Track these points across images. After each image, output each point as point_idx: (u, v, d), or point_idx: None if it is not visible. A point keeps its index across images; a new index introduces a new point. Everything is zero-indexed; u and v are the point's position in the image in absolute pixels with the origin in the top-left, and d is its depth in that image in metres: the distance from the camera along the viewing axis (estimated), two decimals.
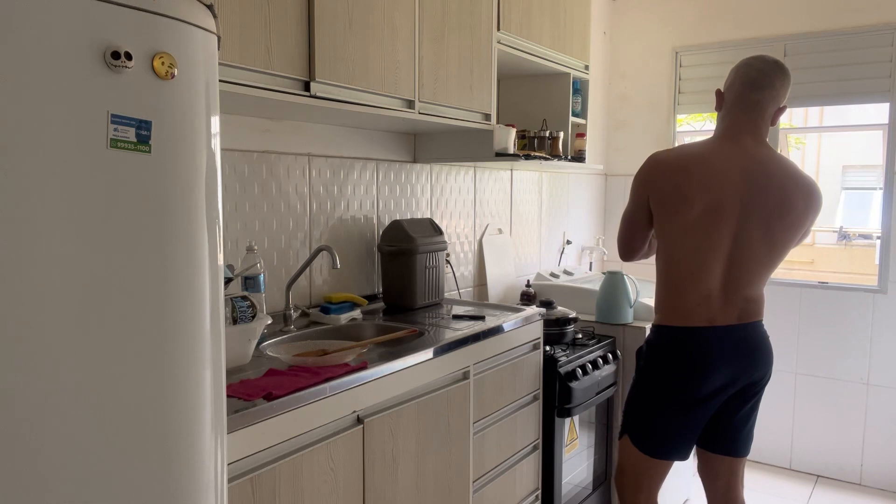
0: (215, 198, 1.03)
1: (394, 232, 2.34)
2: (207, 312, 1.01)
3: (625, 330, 2.78)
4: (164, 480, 0.96)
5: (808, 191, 1.86)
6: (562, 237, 3.62)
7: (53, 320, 0.82)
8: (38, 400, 0.82)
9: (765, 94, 1.86)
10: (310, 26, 1.68)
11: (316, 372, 1.49)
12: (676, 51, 3.67)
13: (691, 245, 1.84)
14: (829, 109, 5.79)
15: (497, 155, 2.46)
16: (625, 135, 3.90)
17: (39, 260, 0.81)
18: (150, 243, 0.92)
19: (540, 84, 2.93)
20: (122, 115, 0.87)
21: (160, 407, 0.94)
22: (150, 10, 0.90)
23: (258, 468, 1.30)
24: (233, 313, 1.51)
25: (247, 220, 1.98)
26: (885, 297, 3.20)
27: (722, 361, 1.85)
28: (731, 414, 1.95)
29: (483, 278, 2.99)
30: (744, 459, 2.02)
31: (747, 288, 1.87)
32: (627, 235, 2.00)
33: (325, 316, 2.07)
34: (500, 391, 2.10)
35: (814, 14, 3.27)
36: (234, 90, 1.51)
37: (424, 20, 2.06)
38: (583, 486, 2.61)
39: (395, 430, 1.65)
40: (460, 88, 2.25)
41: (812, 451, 3.42)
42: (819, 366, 3.37)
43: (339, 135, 2.28)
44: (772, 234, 1.83)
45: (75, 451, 0.85)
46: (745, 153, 1.85)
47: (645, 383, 1.96)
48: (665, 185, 1.85)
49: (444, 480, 1.85)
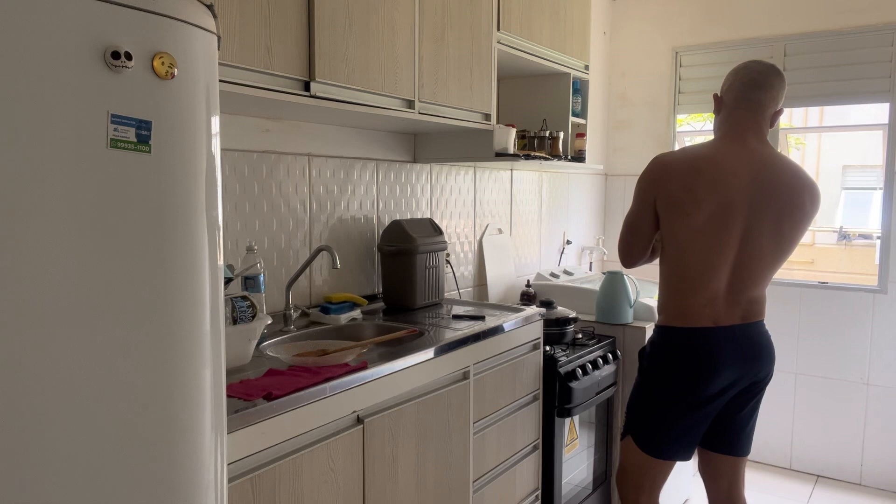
0: (215, 198, 1.03)
1: (394, 232, 2.34)
2: (207, 312, 1.01)
3: (625, 330, 2.78)
4: (164, 480, 0.96)
5: (812, 189, 1.87)
6: (562, 237, 3.62)
7: (53, 320, 0.82)
8: (37, 400, 0.82)
9: (765, 95, 1.87)
10: (310, 26, 1.68)
11: (316, 372, 1.49)
12: (676, 51, 3.67)
13: (701, 247, 1.82)
14: (829, 109, 5.79)
15: (497, 155, 2.46)
16: (625, 135, 3.90)
17: (39, 260, 0.81)
18: (150, 243, 0.92)
19: (540, 84, 2.93)
20: (122, 115, 0.87)
21: (160, 407, 0.94)
22: (150, 10, 0.90)
23: (258, 468, 1.30)
24: (233, 313, 1.51)
25: (247, 220, 1.98)
26: (885, 297, 3.20)
27: (727, 362, 1.85)
28: (734, 413, 1.95)
29: (483, 278, 2.99)
30: (745, 459, 2.02)
31: (752, 288, 1.87)
32: (631, 240, 1.96)
33: (325, 316, 2.07)
34: (500, 391, 2.10)
35: (814, 14, 3.27)
36: (234, 90, 1.51)
37: (424, 20, 2.06)
38: (583, 486, 2.61)
39: (395, 430, 1.65)
40: (460, 88, 2.25)
41: (812, 451, 3.42)
42: (819, 366, 3.37)
43: (339, 135, 2.28)
44: (781, 232, 1.83)
45: (75, 451, 0.85)
46: (751, 153, 1.85)
47: (649, 384, 1.96)
48: (674, 187, 1.82)
49: (444, 480, 1.85)
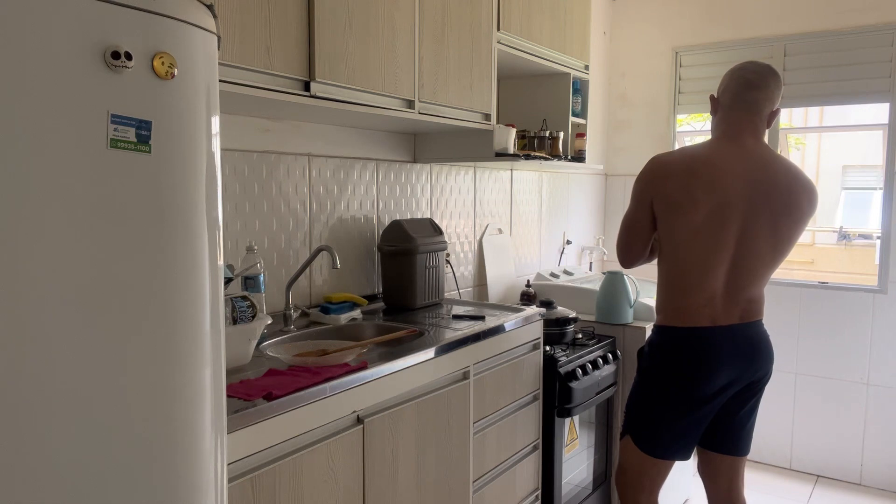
0: (215, 198, 1.03)
1: (394, 232, 2.34)
2: (207, 312, 1.01)
3: (625, 330, 2.78)
4: (164, 480, 0.96)
5: (809, 188, 1.87)
6: (562, 237, 3.62)
7: (53, 320, 0.82)
8: (37, 400, 0.82)
9: (761, 94, 1.87)
10: (310, 26, 1.68)
11: (316, 372, 1.49)
12: (676, 51, 3.67)
13: (699, 247, 1.83)
14: (829, 109, 5.79)
15: (497, 155, 2.46)
16: (625, 135, 3.90)
17: (39, 260, 0.81)
18: (150, 243, 0.92)
19: (540, 84, 2.93)
20: (122, 115, 0.87)
21: (160, 407, 0.94)
22: (150, 10, 0.90)
23: (258, 468, 1.30)
24: (233, 313, 1.51)
25: (247, 220, 1.98)
26: (885, 297, 3.20)
27: (725, 361, 1.85)
28: (733, 413, 1.95)
29: (483, 278, 2.99)
30: (745, 458, 2.02)
31: (750, 288, 1.87)
32: (629, 240, 1.97)
33: (325, 316, 2.07)
34: (500, 391, 2.10)
35: (814, 14, 3.27)
36: (234, 90, 1.51)
37: (424, 20, 2.06)
38: (583, 486, 2.61)
39: (395, 430, 1.65)
40: (460, 88, 2.25)
41: (812, 451, 3.42)
42: (819, 366, 3.37)
43: (339, 135, 2.28)
44: (778, 232, 1.83)
45: (75, 451, 0.85)
46: (748, 153, 1.85)
47: (648, 384, 1.96)
48: (671, 187, 1.83)
49: (444, 480, 1.85)
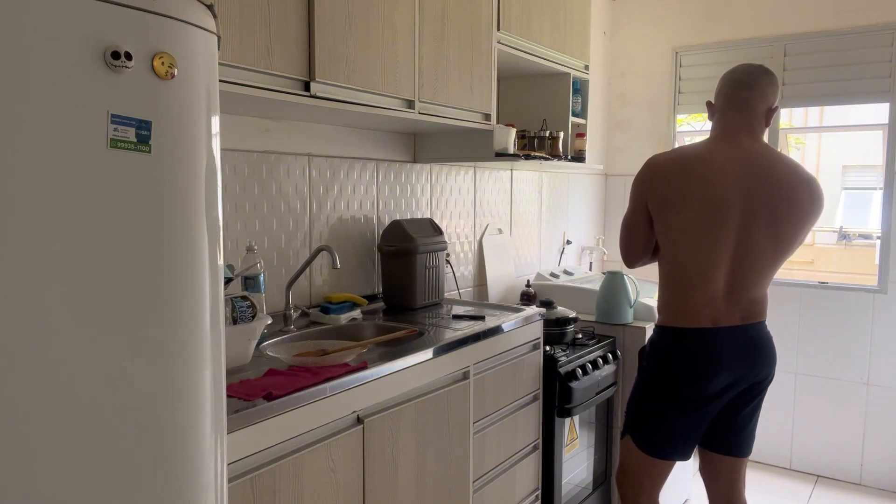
0: (215, 198, 1.03)
1: (394, 232, 2.34)
2: (207, 312, 1.01)
3: (625, 330, 2.78)
4: (164, 480, 0.96)
5: (811, 186, 1.86)
6: (562, 237, 3.62)
7: (52, 320, 0.82)
8: (37, 400, 0.82)
9: (753, 93, 1.87)
10: (310, 26, 1.68)
11: (316, 372, 1.49)
12: (676, 51, 3.67)
13: (697, 246, 1.83)
14: (829, 109, 5.79)
15: (497, 155, 2.46)
16: (625, 135, 3.90)
17: (39, 260, 0.81)
18: (151, 243, 0.92)
19: (540, 84, 2.93)
20: (122, 115, 0.87)
21: (160, 407, 0.94)
22: (150, 10, 0.90)
23: (258, 468, 1.30)
24: (233, 313, 1.51)
25: (247, 220, 1.98)
26: (885, 297, 3.20)
27: (727, 362, 1.85)
28: (734, 414, 1.95)
29: (483, 278, 2.99)
30: (746, 459, 2.02)
31: (752, 288, 1.86)
32: (629, 241, 1.98)
33: (325, 316, 2.07)
34: (500, 391, 2.10)
35: (814, 14, 3.27)
36: (234, 90, 1.51)
37: (424, 20, 2.06)
38: (583, 486, 2.61)
39: (395, 430, 1.65)
40: (460, 88, 2.25)
41: (812, 451, 3.42)
42: (819, 366, 3.37)
43: (339, 135, 2.28)
44: (778, 230, 1.82)
45: (75, 451, 0.85)
46: (743, 151, 1.85)
47: (649, 384, 1.96)
48: (663, 186, 1.84)
49: (444, 480, 1.85)
